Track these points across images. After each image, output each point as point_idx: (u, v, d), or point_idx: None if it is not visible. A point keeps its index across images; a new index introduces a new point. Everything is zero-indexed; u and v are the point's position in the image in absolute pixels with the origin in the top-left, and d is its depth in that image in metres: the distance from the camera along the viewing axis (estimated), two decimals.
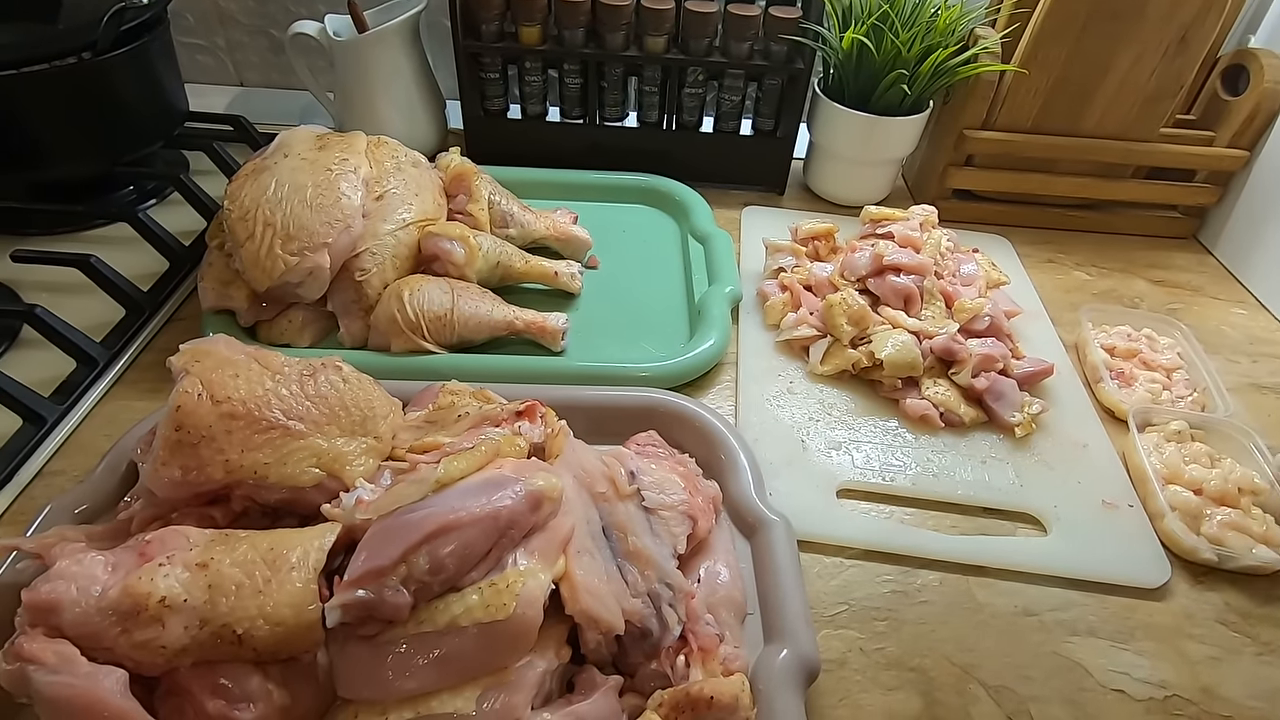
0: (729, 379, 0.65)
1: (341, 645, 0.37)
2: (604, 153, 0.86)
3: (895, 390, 0.63)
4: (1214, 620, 0.50)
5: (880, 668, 0.46)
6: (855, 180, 0.86)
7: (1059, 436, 0.61)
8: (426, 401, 0.51)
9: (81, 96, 0.69)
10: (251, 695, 0.35)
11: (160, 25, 0.76)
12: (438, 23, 0.93)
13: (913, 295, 0.66)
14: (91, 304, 0.64)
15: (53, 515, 0.45)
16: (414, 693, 0.36)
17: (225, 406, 0.41)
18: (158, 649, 0.35)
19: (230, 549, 0.37)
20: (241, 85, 1.04)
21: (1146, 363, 0.67)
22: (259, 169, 0.63)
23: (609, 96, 0.84)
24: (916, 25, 0.75)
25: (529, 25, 0.79)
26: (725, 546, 0.48)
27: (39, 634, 0.35)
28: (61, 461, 0.54)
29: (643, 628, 0.41)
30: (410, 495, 0.39)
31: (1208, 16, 0.73)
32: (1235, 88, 0.82)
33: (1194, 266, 0.84)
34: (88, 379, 0.59)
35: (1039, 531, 0.55)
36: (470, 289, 0.64)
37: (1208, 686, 0.47)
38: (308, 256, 0.59)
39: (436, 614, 0.37)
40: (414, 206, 0.65)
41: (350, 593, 0.36)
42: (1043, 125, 0.81)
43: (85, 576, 0.36)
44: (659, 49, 0.80)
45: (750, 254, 0.78)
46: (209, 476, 0.41)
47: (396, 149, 0.69)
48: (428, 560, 0.36)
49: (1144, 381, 0.65)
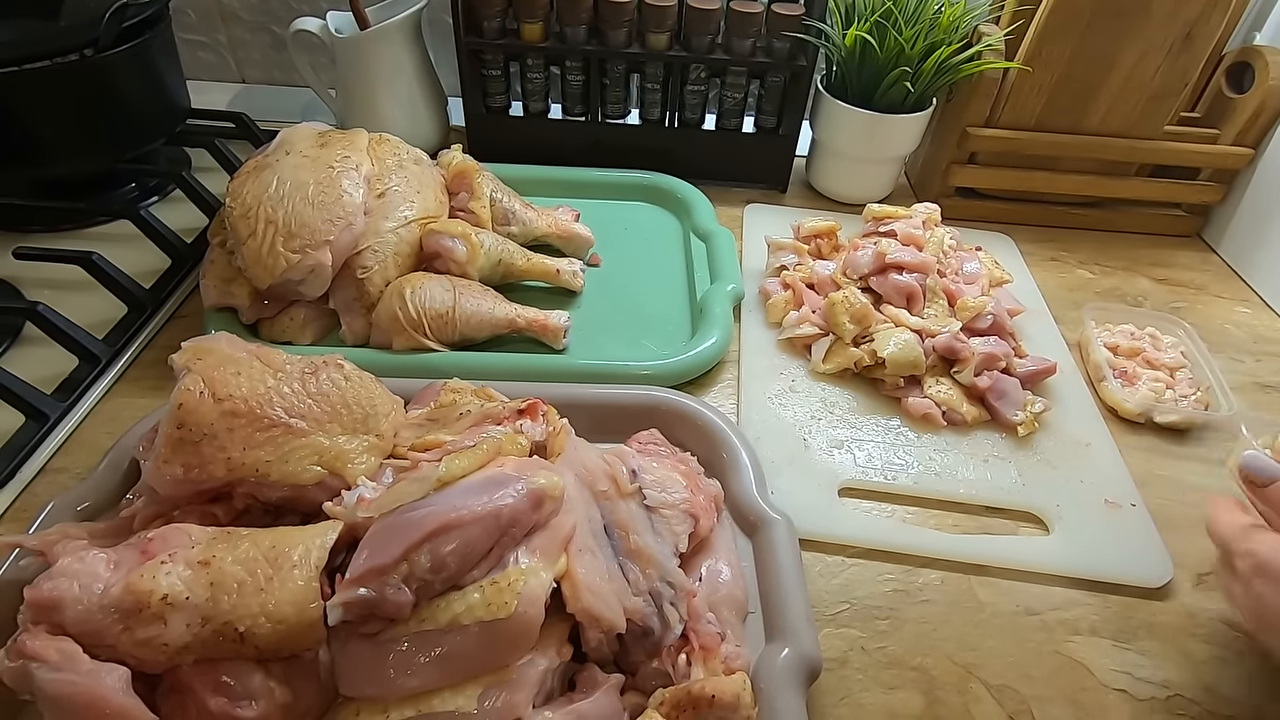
0: (731, 377, 0.64)
1: (343, 643, 0.37)
2: (606, 150, 0.86)
3: (897, 389, 0.63)
4: (1217, 620, 0.50)
5: (882, 667, 0.46)
6: (858, 178, 0.86)
7: (1061, 435, 0.61)
8: (428, 399, 0.51)
9: (83, 94, 0.69)
10: (253, 693, 0.36)
11: (162, 22, 0.75)
12: (440, 19, 0.93)
13: (915, 293, 0.65)
14: (93, 301, 0.64)
15: (55, 512, 0.45)
16: (415, 691, 0.36)
17: (227, 404, 0.41)
18: (160, 646, 0.35)
19: (232, 547, 0.37)
20: (243, 82, 1.04)
21: (1150, 361, 0.67)
22: (261, 166, 0.63)
23: (611, 94, 0.84)
24: (920, 22, 0.74)
25: (531, 22, 0.79)
26: (727, 545, 0.48)
27: (41, 631, 0.35)
28: (64, 459, 0.55)
29: (644, 626, 0.40)
30: (412, 493, 0.39)
31: (1213, 13, 0.73)
32: (1240, 85, 0.82)
33: (1198, 265, 0.84)
34: (90, 376, 0.59)
35: (1041, 531, 0.55)
36: (472, 287, 0.64)
37: (1210, 686, 0.47)
38: (309, 254, 0.59)
39: (438, 612, 0.37)
40: (416, 204, 0.65)
41: (352, 591, 0.36)
42: (1046, 123, 0.81)
43: (87, 574, 0.36)
44: (661, 46, 0.80)
45: (752, 252, 0.78)
46: (211, 474, 0.41)
47: (398, 146, 0.69)
48: (429, 558, 0.36)
49: (1147, 380, 0.65)
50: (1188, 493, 0.58)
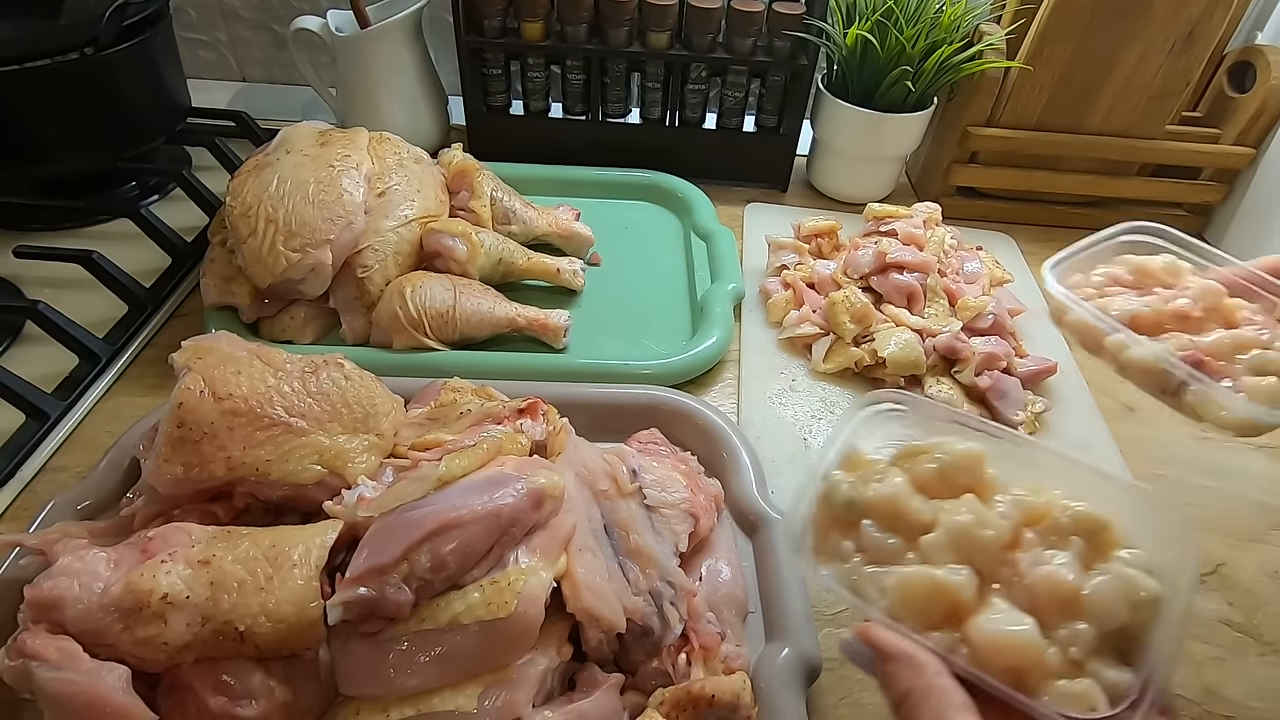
0: (731, 377, 0.64)
1: (343, 642, 0.37)
2: (606, 149, 0.86)
3: (898, 388, 0.63)
4: (1216, 620, 0.50)
5: None
6: (858, 177, 0.85)
7: (1062, 435, 0.61)
8: (428, 399, 0.51)
9: (84, 92, 0.69)
10: (253, 692, 0.36)
11: (162, 20, 0.75)
12: (440, 18, 0.93)
13: (916, 293, 0.65)
14: (94, 300, 0.64)
15: (55, 511, 0.45)
16: (415, 690, 0.36)
17: (227, 403, 0.41)
18: (160, 645, 0.35)
19: (232, 546, 0.37)
20: (244, 81, 1.04)
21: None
22: (261, 165, 0.63)
23: (611, 93, 0.84)
24: (921, 21, 0.74)
25: (531, 21, 0.79)
26: (727, 545, 0.48)
27: (42, 630, 0.35)
28: (64, 458, 0.55)
29: (644, 626, 0.40)
30: (412, 493, 0.39)
31: (1215, 13, 0.73)
32: (1242, 85, 0.81)
33: None
34: (90, 375, 0.59)
35: None
36: (472, 286, 0.64)
37: (1210, 686, 0.47)
38: (310, 253, 0.59)
39: (438, 611, 0.37)
40: (416, 203, 0.65)
41: (352, 590, 0.36)
42: (1047, 122, 0.81)
43: (88, 573, 0.36)
44: (662, 45, 0.80)
45: (753, 251, 0.78)
46: (211, 473, 0.41)
47: (399, 145, 0.69)
48: (429, 558, 0.36)
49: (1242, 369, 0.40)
50: (1189, 492, 0.58)
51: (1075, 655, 0.28)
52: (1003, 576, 0.30)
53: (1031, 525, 0.31)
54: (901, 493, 0.32)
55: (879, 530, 0.32)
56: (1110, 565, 0.29)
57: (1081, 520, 0.30)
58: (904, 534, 0.31)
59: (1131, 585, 0.28)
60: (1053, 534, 0.30)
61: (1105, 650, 0.28)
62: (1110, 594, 0.28)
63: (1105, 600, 0.28)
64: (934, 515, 0.31)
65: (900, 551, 0.31)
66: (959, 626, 0.29)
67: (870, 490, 0.32)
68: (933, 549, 0.30)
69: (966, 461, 0.32)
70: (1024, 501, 0.31)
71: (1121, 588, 0.28)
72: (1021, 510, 0.31)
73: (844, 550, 0.32)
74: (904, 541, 0.31)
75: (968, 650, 0.28)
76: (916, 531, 0.31)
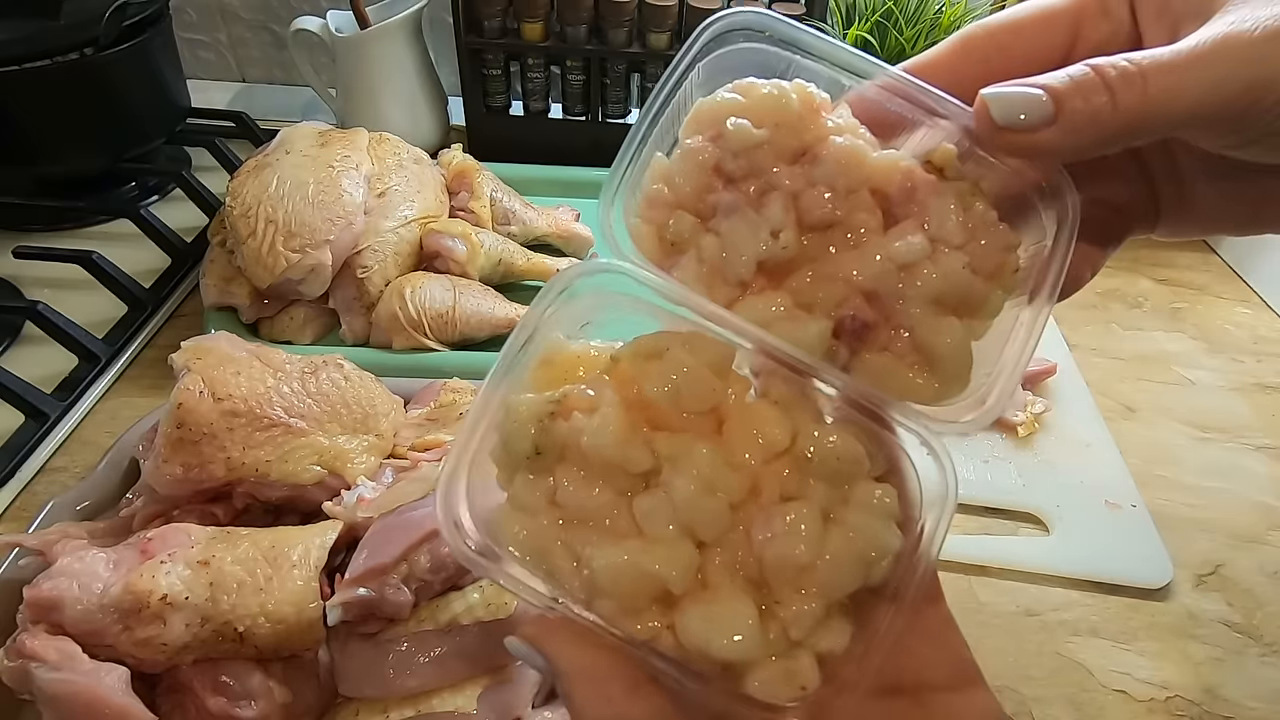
0: None
1: (343, 643, 0.37)
2: (606, 150, 0.85)
3: None
4: (1216, 621, 0.50)
5: None
6: None
7: (1062, 436, 0.61)
8: (428, 399, 0.51)
9: (83, 93, 0.69)
10: (253, 692, 0.36)
11: (162, 21, 0.75)
12: (440, 19, 0.93)
13: None
14: (93, 300, 0.64)
15: (55, 512, 0.45)
16: (415, 690, 0.36)
17: (227, 404, 0.41)
18: (159, 646, 0.35)
19: (232, 546, 0.37)
20: (243, 81, 1.04)
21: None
22: (261, 165, 0.63)
23: (611, 93, 0.84)
24: (921, 22, 0.74)
25: (531, 21, 0.79)
26: None
27: (41, 631, 0.35)
28: (63, 458, 0.55)
29: None
30: (412, 493, 0.39)
31: None
32: None
33: (1198, 265, 0.84)
34: (90, 375, 0.59)
35: (1041, 531, 0.55)
36: (472, 286, 0.64)
37: (1210, 687, 0.47)
38: (309, 253, 0.59)
39: (438, 612, 0.37)
40: (416, 203, 0.65)
41: (351, 591, 0.36)
42: None
43: (87, 574, 0.36)
44: (662, 45, 0.80)
45: None
46: (210, 474, 0.41)
47: (398, 146, 0.69)
48: (429, 558, 0.36)
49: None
50: (1189, 494, 0.58)
51: (795, 636, 0.23)
52: (730, 542, 0.23)
53: (773, 460, 0.24)
54: (616, 439, 0.23)
55: (579, 482, 0.23)
56: (852, 516, 0.24)
57: (828, 461, 0.24)
58: (614, 486, 0.23)
59: (869, 545, 0.23)
60: (796, 475, 0.24)
61: (834, 613, 0.23)
62: (845, 562, 0.23)
63: (838, 570, 0.23)
64: (655, 464, 0.23)
65: (607, 508, 0.23)
66: (669, 614, 0.23)
67: (571, 432, 0.23)
68: (649, 518, 0.23)
69: (709, 382, 0.24)
70: (769, 436, 0.24)
71: (857, 553, 0.23)
72: (763, 451, 0.24)
73: (530, 502, 0.24)
74: (613, 495, 0.23)
75: (673, 641, 0.23)
76: (630, 485, 0.23)
